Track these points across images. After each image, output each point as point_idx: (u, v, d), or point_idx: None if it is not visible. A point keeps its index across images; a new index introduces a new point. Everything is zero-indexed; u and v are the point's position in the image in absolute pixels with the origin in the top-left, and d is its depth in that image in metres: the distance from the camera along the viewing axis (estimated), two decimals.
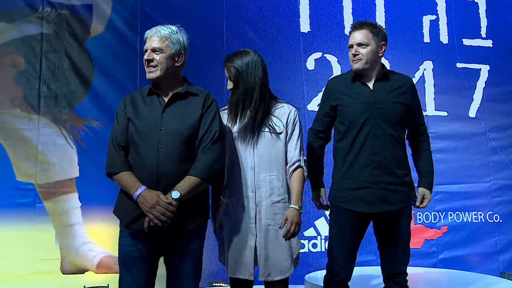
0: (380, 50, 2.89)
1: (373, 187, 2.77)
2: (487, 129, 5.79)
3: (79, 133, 4.63)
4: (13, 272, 4.29)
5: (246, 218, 2.66)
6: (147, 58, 2.55)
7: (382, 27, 2.95)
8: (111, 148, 2.55)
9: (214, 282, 4.71)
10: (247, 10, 5.26)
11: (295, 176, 2.75)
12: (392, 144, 2.82)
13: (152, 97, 2.60)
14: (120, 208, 2.55)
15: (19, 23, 4.52)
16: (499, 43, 5.96)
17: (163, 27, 2.61)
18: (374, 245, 3.00)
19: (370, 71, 2.89)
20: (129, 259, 2.47)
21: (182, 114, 2.54)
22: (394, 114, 2.83)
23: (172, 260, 2.53)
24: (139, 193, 2.39)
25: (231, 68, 2.78)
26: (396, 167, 2.81)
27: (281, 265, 2.66)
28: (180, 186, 2.41)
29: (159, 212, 2.34)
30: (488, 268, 5.42)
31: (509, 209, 5.72)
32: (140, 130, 2.50)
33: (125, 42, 4.80)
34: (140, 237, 2.45)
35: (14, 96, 4.47)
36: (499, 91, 5.89)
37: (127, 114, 2.56)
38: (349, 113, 2.85)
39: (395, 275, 2.84)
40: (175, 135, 2.48)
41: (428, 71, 5.71)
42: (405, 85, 2.94)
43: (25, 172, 4.44)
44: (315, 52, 5.41)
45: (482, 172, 5.72)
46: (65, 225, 4.51)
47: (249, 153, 2.70)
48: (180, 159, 2.47)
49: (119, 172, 2.47)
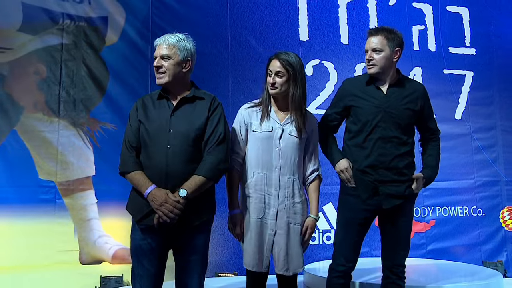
0: (395, 55, 2.81)
1: (381, 185, 2.77)
2: (472, 130, 5.87)
3: (95, 135, 4.69)
4: (35, 262, 4.35)
5: (267, 214, 2.64)
6: (157, 64, 2.55)
7: (398, 33, 2.86)
8: (124, 148, 2.54)
9: (220, 273, 4.76)
10: (250, 20, 5.32)
11: (314, 186, 2.78)
12: (401, 146, 2.79)
13: (161, 101, 2.59)
14: (132, 205, 2.55)
15: (42, 34, 4.59)
16: (481, 51, 6.05)
17: (171, 35, 2.60)
18: (368, 237, 3.00)
19: (384, 76, 2.83)
20: (140, 252, 2.48)
21: (189, 117, 2.53)
22: (404, 119, 2.79)
23: (180, 253, 2.53)
24: (149, 191, 2.41)
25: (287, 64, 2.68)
26: (403, 168, 2.79)
27: (299, 260, 2.68)
28: (187, 185, 2.42)
29: (168, 209, 2.36)
30: (472, 258, 5.50)
31: (491, 203, 5.81)
32: (150, 132, 2.50)
33: (138, 51, 4.87)
34: (150, 232, 2.46)
35: (37, 101, 4.54)
36: (482, 95, 5.97)
37: (138, 117, 2.55)
38: (362, 115, 2.81)
39: (395, 266, 2.84)
40: (183, 137, 2.48)
41: (418, 77, 5.77)
42: (417, 91, 2.88)
43: (47, 171, 4.50)
44: (313, 59, 5.47)
45: (467, 170, 5.79)
46: (83, 219, 4.57)
47: (275, 154, 2.67)
48: (187, 159, 2.48)
49: (131, 172, 2.48)
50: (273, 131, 2.69)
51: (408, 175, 2.82)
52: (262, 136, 2.70)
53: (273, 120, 2.73)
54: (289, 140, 2.70)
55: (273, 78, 2.70)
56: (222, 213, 4.52)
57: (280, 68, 2.68)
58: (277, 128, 2.71)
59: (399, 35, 2.86)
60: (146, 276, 2.46)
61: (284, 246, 2.63)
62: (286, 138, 2.70)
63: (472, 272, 3.91)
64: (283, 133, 2.70)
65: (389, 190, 2.77)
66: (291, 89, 2.70)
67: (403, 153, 2.80)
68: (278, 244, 2.64)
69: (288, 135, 2.70)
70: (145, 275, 2.46)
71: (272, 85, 2.70)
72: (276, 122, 2.72)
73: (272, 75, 2.71)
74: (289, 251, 2.65)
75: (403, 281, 2.85)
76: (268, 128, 2.70)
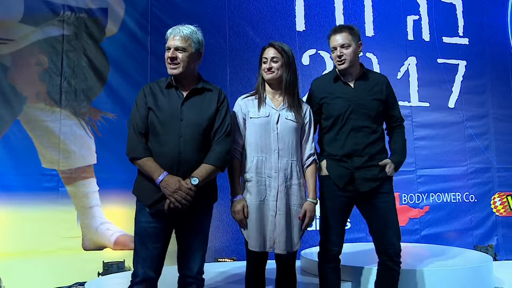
0: (359, 49, 2.96)
1: (356, 171, 2.87)
2: (464, 118, 5.91)
3: (97, 124, 4.72)
4: (40, 248, 4.40)
5: (269, 196, 2.69)
6: (172, 56, 2.53)
7: (357, 29, 3.00)
8: (132, 134, 2.53)
9: (219, 258, 4.81)
10: (248, 11, 5.33)
11: (311, 170, 2.84)
12: (371, 135, 2.91)
13: (170, 90, 2.58)
14: (140, 190, 2.56)
15: (43, 26, 4.61)
16: (474, 41, 6.08)
17: (184, 27, 2.58)
18: (364, 223, 3.04)
19: (352, 69, 2.95)
20: (145, 235, 2.49)
21: (199, 107, 2.55)
22: (374, 109, 2.92)
23: (184, 236, 2.57)
24: (162, 178, 2.42)
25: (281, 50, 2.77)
26: (375, 154, 2.91)
27: (297, 239, 2.74)
28: (198, 173, 2.46)
29: (181, 196, 2.39)
30: (464, 242, 5.56)
31: (483, 190, 5.87)
32: (161, 120, 2.50)
33: (137, 41, 4.89)
34: (158, 216, 2.48)
35: (39, 91, 4.57)
36: (475, 84, 6.01)
37: (148, 104, 2.53)
38: (334, 110, 2.92)
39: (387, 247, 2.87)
40: (194, 126, 2.51)
41: (412, 66, 5.82)
42: (382, 83, 3.01)
43: (49, 160, 4.54)
44: (309, 49, 5.50)
45: (459, 157, 5.85)
46: (85, 207, 4.61)
47: (274, 138, 2.71)
48: (198, 148, 2.51)
49: (142, 158, 2.48)
50: (269, 116, 2.75)
51: (381, 160, 2.94)
52: (260, 121, 2.74)
53: (269, 107, 2.79)
54: (286, 124, 2.75)
55: (269, 64, 2.77)
56: (220, 200, 4.55)
57: (275, 54, 2.77)
58: (273, 113, 2.76)
59: (358, 30, 3.00)
60: (149, 258, 2.48)
61: (284, 227, 2.68)
62: (283, 122, 2.75)
63: (464, 256, 3.94)
64: (280, 118, 2.75)
65: (364, 175, 2.88)
66: (285, 74, 2.78)
67: (374, 140, 2.92)
68: (279, 224, 2.68)
69: (285, 119, 2.75)
70: (149, 258, 2.48)
71: (269, 70, 2.77)
72: (272, 108, 2.78)
73: (267, 61, 2.78)
74: (288, 231, 2.70)
75: (399, 266, 2.89)
76: (265, 114, 2.75)
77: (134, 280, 2.49)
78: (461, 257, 3.91)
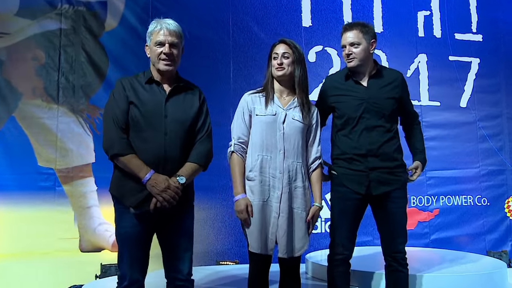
0: (371, 47, 2.93)
1: (371, 172, 2.85)
2: (477, 118, 5.83)
3: (95, 122, 4.67)
4: (35, 250, 4.36)
5: (272, 197, 2.67)
6: (169, 52, 2.51)
7: (371, 26, 2.99)
8: (112, 128, 2.45)
9: (221, 261, 4.74)
10: (252, 5, 5.28)
11: (317, 174, 2.81)
12: (386, 134, 2.88)
13: (151, 85, 2.55)
14: (120, 189, 2.50)
15: (40, 19, 4.56)
16: (488, 37, 5.98)
17: (170, 21, 2.58)
18: (371, 227, 3.04)
19: (363, 68, 2.93)
20: (130, 239, 2.46)
21: (182, 105, 2.56)
22: (387, 108, 2.90)
23: (169, 238, 2.54)
24: (149, 177, 2.38)
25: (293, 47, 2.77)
26: (393, 153, 2.89)
27: (302, 242, 2.70)
28: (184, 172, 2.46)
29: (170, 195, 2.38)
30: (476, 247, 5.48)
31: (496, 193, 5.78)
32: (144, 115, 2.47)
33: (137, 36, 4.82)
34: (142, 217, 2.44)
35: (36, 87, 4.52)
36: (488, 82, 5.92)
37: (129, 98, 2.49)
38: (346, 109, 2.91)
39: (394, 253, 2.89)
40: (179, 124, 2.51)
41: (422, 64, 5.74)
42: (396, 80, 2.99)
43: (46, 158, 4.50)
44: (316, 45, 5.43)
45: (471, 158, 5.77)
46: (83, 207, 4.57)
47: (279, 137, 2.70)
48: (182, 146, 2.51)
49: (126, 154, 2.41)
50: (276, 115, 2.73)
51: (398, 160, 2.92)
52: (266, 119, 2.72)
53: (276, 105, 2.76)
54: (292, 124, 2.73)
55: (280, 59, 2.75)
56: (222, 201, 4.51)
57: (286, 49, 2.76)
58: (280, 112, 2.74)
59: (372, 28, 2.98)
60: (136, 261, 2.46)
61: (287, 229, 2.66)
62: (289, 122, 2.73)
63: (476, 262, 3.91)
64: (286, 117, 2.73)
65: (379, 177, 2.85)
66: (297, 71, 2.77)
67: (389, 139, 2.89)
68: (282, 227, 2.66)
69: (292, 119, 2.73)
70: (135, 261, 2.46)
71: (280, 66, 2.75)
72: (279, 107, 2.76)
73: (278, 57, 2.76)
74: (291, 234, 2.68)
75: (406, 267, 2.90)
76: (272, 112, 2.74)
77: (122, 284, 2.47)
78: (473, 263, 3.88)
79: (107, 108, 2.53)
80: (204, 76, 2.68)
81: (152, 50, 2.56)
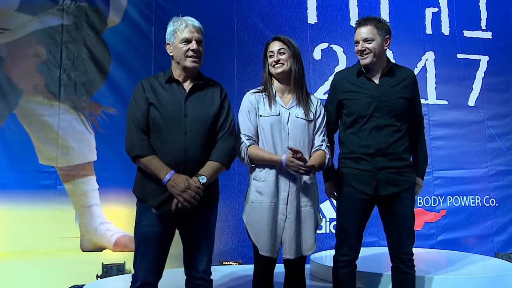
0: (385, 43, 2.89)
1: (379, 172, 2.83)
2: (486, 117, 5.79)
3: (97, 119, 4.68)
4: (36, 249, 4.37)
5: (279, 199, 2.67)
6: (196, 48, 2.53)
7: (386, 21, 2.94)
8: (133, 130, 2.49)
9: (224, 261, 4.76)
10: (257, 2, 5.27)
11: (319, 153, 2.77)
12: (395, 134, 2.86)
13: (171, 84, 2.57)
14: (143, 190, 2.54)
15: (42, 15, 4.57)
16: (498, 35, 5.93)
17: (192, 18, 2.60)
18: (377, 227, 3.03)
19: (376, 65, 2.90)
20: (147, 238, 2.49)
21: (202, 103, 2.55)
22: (398, 107, 2.87)
23: (191, 236, 2.56)
24: (169, 177, 2.41)
25: (288, 42, 2.78)
26: (400, 154, 2.86)
27: (310, 243, 2.72)
28: (205, 171, 2.46)
29: (190, 195, 2.39)
30: (484, 249, 5.45)
31: (504, 193, 5.74)
32: (164, 116, 2.48)
33: (140, 33, 4.84)
34: (163, 218, 2.48)
35: (37, 84, 4.54)
36: (498, 81, 5.87)
37: (149, 100, 2.51)
38: (356, 107, 2.88)
39: (401, 255, 2.88)
40: (200, 122, 2.51)
41: (430, 62, 5.71)
42: (407, 78, 2.96)
43: (47, 156, 4.51)
44: (322, 42, 5.41)
45: (479, 158, 5.73)
46: (84, 206, 4.58)
47: (284, 138, 2.70)
48: (203, 145, 2.51)
49: (147, 156, 2.45)
50: (280, 115, 2.73)
51: (407, 160, 2.91)
52: (270, 120, 2.72)
53: (279, 105, 2.76)
54: (296, 122, 2.73)
55: (277, 56, 2.75)
56: (226, 200, 4.51)
57: (281, 45, 2.77)
58: (283, 112, 2.74)
59: (387, 23, 2.94)
60: (150, 262, 2.49)
61: (294, 230, 2.66)
62: (293, 121, 2.73)
63: (484, 264, 3.89)
64: (290, 117, 2.73)
65: (387, 177, 2.83)
66: (294, 66, 2.77)
67: (398, 138, 2.87)
68: (289, 229, 2.66)
69: (295, 117, 2.73)
70: (150, 262, 2.49)
71: (277, 62, 2.75)
72: (282, 107, 2.76)
73: (274, 55, 2.76)
74: (299, 235, 2.68)
75: (413, 269, 2.89)
76: (275, 112, 2.73)
77: (135, 284, 2.50)
78: (481, 264, 3.86)
79: (128, 109, 2.57)
80: (208, 73, 2.67)
81: (178, 48, 2.55)
